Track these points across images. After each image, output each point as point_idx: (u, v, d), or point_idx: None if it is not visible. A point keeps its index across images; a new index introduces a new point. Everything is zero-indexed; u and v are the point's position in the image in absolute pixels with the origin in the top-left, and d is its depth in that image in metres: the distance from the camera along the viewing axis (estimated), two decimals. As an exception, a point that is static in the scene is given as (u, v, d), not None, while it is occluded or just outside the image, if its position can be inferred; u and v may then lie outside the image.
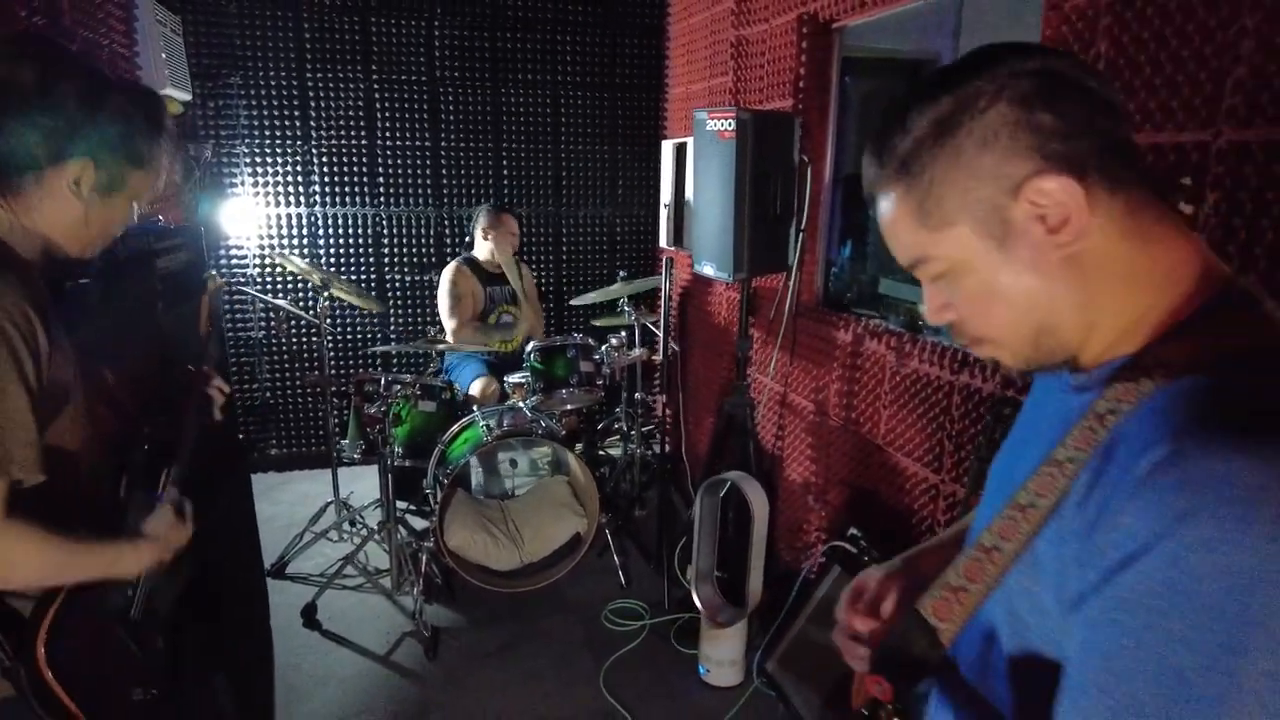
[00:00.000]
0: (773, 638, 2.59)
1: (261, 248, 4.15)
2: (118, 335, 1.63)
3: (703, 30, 4.07)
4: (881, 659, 0.79)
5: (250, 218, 4.06)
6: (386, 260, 4.38)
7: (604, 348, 3.48)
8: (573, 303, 3.93)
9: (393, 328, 4.44)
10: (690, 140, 3.51)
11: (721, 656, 2.67)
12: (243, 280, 4.07)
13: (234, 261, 4.09)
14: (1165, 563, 0.55)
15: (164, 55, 3.30)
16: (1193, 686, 0.54)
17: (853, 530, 2.48)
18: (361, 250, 4.32)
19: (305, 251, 4.18)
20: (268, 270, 4.18)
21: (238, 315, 4.17)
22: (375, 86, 4.14)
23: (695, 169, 2.98)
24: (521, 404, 3.38)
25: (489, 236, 3.74)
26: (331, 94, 4.08)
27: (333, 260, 4.26)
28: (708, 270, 2.95)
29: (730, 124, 2.68)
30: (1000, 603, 0.74)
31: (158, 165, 1.24)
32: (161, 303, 1.99)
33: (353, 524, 3.63)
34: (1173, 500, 0.55)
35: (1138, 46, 1.73)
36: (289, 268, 3.43)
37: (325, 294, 3.33)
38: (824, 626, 2.48)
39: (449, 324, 3.71)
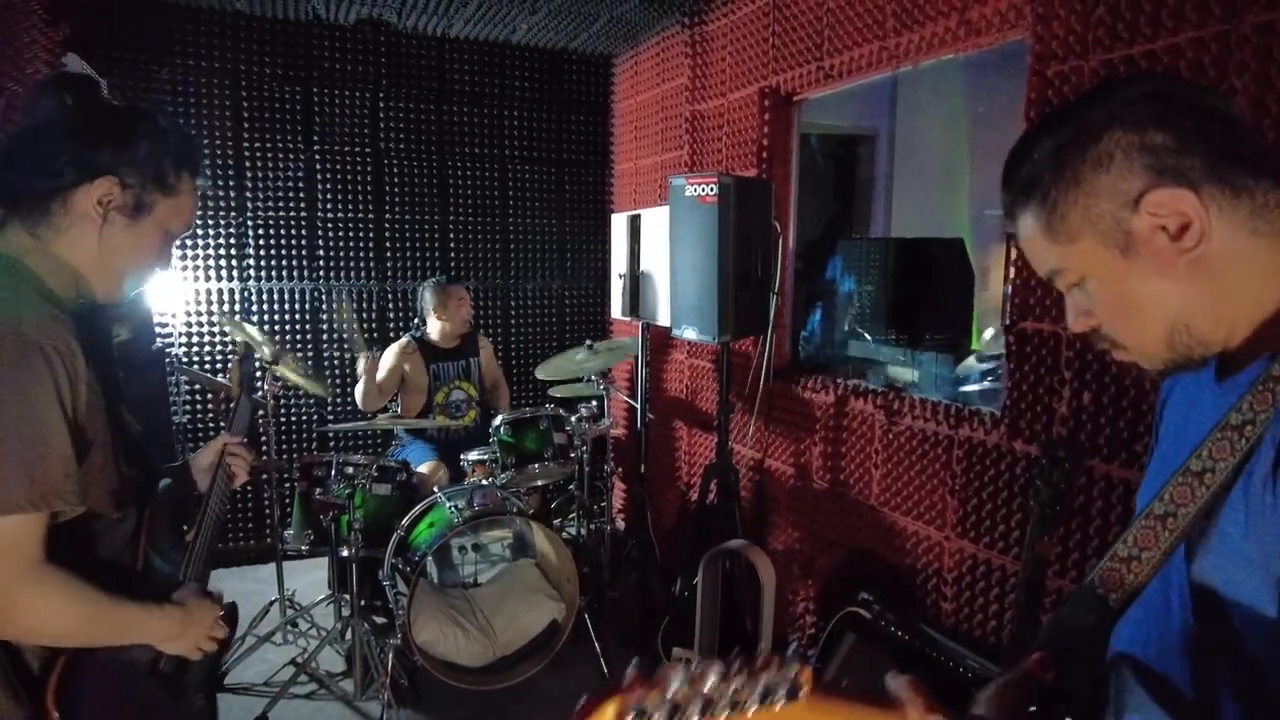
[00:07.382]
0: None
1: (203, 320, 3.86)
2: (132, 391, 1.51)
3: (652, 107, 4.16)
4: (1049, 636, 0.79)
5: (178, 292, 3.76)
6: (325, 337, 4.13)
7: (574, 418, 3.35)
8: (540, 376, 3.72)
9: (330, 409, 4.15)
10: (644, 212, 3.54)
11: (730, 742, 2.49)
12: (167, 360, 3.73)
13: (158, 340, 3.75)
14: None
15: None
16: None
17: (864, 595, 2.40)
18: (299, 326, 4.06)
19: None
20: (194, 349, 3.86)
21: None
22: (316, 157, 3.98)
23: (672, 234, 2.96)
24: (485, 481, 3.18)
25: (441, 316, 3.59)
26: (270, 164, 3.89)
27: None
28: (689, 334, 2.90)
29: (712, 189, 2.69)
30: (1180, 576, 0.75)
31: (186, 198, 1.22)
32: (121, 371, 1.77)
33: (295, 625, 3.27)
34: None
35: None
36: (238, 338, 3.16)
37: (273, 370, 3.08)
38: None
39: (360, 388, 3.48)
